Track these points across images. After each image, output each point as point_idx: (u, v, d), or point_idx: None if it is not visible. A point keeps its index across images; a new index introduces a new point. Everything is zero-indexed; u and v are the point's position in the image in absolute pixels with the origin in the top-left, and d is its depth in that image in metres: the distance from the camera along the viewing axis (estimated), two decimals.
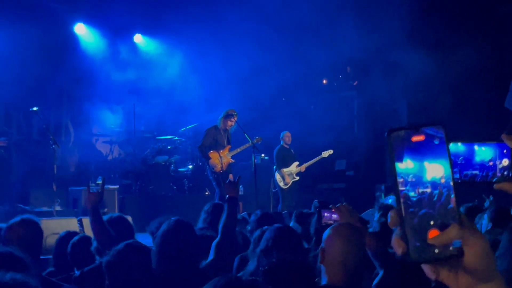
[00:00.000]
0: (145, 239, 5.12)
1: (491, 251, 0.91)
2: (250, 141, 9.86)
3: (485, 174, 2.13)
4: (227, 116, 9.80)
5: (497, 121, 11.02)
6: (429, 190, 0.90)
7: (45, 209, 9.66)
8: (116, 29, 12.94)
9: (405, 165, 0.91)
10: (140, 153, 12.35)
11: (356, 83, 14.74)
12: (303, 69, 13.36)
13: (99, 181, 10.11)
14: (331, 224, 3.28)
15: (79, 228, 7.24)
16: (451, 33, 11.57)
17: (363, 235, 2.93)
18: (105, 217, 4.36)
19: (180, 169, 12.27)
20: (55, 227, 6.61)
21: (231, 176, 9.36)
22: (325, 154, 11.41)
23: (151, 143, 12.45)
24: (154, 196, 11.39)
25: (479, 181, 2.15)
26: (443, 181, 0.91)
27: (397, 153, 0.92)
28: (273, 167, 11.65)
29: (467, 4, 11.81)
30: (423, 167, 0.91)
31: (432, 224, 0.89)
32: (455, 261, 0.90)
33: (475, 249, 0.89)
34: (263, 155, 12.14)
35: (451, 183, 0.91)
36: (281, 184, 11.19)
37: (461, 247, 0.89)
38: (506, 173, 2.19)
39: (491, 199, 6.91)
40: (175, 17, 12.75)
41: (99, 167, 11.77)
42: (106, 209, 9.16)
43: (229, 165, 9.88)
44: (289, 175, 11.21)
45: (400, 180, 0.91)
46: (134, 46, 13.76)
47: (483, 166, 2.12)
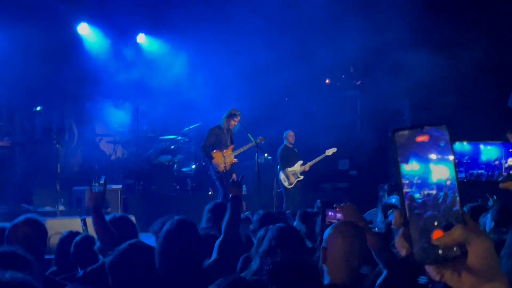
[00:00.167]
0: (148, 238, 5.11)
1: (494, 251, 0.91)
2: (253, 140, 9.86)
3: (490, 173, 2.11)
4: (230, 115, 9.80)
5: (500, 121, 11.00)
6: (434, 191, 0.90)
7: (48, 208, 9.67)
8: (119, 29, 12.94)
9: (411, 167, 0.91)
10: (143, 153, 12.38)
11: (359, 83, 14.73)
12: (306, 69, 13.35)
13: (102, 181, 10.12)
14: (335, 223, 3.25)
15: (83, 227, 7.23)
16: (455, 33, 11.55)
17: (365, 234, 2.90)
18: (108, 217, 4.36)
19: (183, 169, 12.27)
20: (58, 227, 6.61)
21: (234, 175, 9.37)
22: (329, 152, 11.34)
23: (154, 143, 12.47)
24: (157, 195, 11.39)
25: (484, 180, 2.14)
26: (449, 183, 0.90)
27: (401, 153, 0.91)
28: (276, 166, 11.62)
29: (470, 3, 11.78)
30: (428, 169, 0.91)
31: (436, 225, 0.89)
32: (458, 261, 0.90)
33: (478, 249, 0.89)
34: (266, 154, 12.14)
35: (456, 185, 0.90)
36: (286, 183, 11.13)
37: (465, 247, 0.89)
38: (511, 172, 2.18)
39: (495, 198, 6.89)
40: (178, 17, 12.76)
41: (102, 167, 11.77)
42: (109, 209, 9.16)
43: (232, 165, 9.88)
44: (294, 174, 11.15)
45: (405, 181, 0.91)
46: (137, 46, 13.76)
47: (488, 165, 2.10)
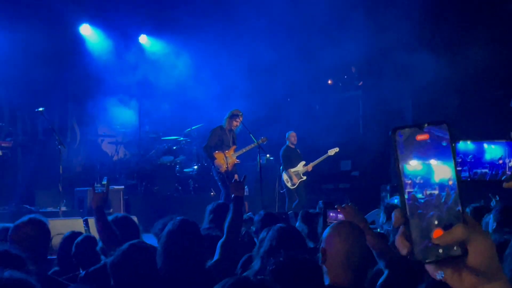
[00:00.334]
0: (150, 239, 5.11)
1: (495, 251, 0.91)
2: (255, 141, 9.86)
3: (494, 172, 2.11)
4: (232, 116, 9.80)
5: (503, 121, 10.99)
6: (436, 191, 0.90)
7: (50, 209, 9.68)
8: (121, 30, 12.96)
9: (414, 167, 0.90)
10: (145, 154, 12.39)
11: (361, 83, 14.72)
12: (308, 69, 13.36)
13: (105, 182, 10.14)
14: None
15: (85, 228, 7.24)
16: (457, 33, 11.55)
17: (365, 234, 2.87)
18: (111, 217, 4.36)
19: (185, 170, 12.28)
20: (61, 228, 6.60)
21: (236, 176, 9.36)
22: (331, 152, 11.30)
23: (157, 143, 12.49)
24: (159, 196, 11.41)
25: (488, 179, 2.13)
26: (451, 183, 0.90)
27: (402, 152, 0.91)
28: (278, 167, 11.61)
29: (473, 4, 11.77)
30: (431, 169, 0.90)
31: (436, 224, 0.89)
32: (459, 261, 0.90)
33: (479, 249, 0.89)
34: (268, 155, 12.11)
35: (457, 184, 0.90)
36: (289, 184, 11.09)
37: (465, 247, 0.89)
38: None
39: (497, 198, 6.88)
40: (181, 18, 12.79)
41: (104, 167, 11.80)
42: (111, 210, 9.17)
43: (235, 166, 9.88)
44: (296, 175, 11.10)
45: (408, 181, 0.90)
46: (139, 46, 13.78)
47: (492, 164, 2.10)
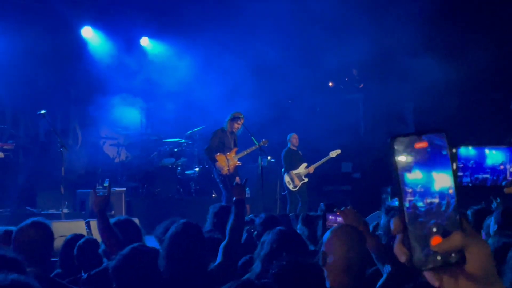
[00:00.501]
0: (152, 241, 5.12)
1: (492, 257, 0.92)
2: (256, 143, 9.87)
3: (495, 177, 2.11)
4: (234, 118, 9.81)
5: (503, 123, 10.98)
6: (437, 200, 0.90)
7: (52, 211, 9.68)
8: (123, 32, 12.97)
9: (414, 176, 0.91)
10: (147, 156, 12.40)
11: (362, 86, 14.73)
12: (309, 72, 13.37)
13: (106, 184, 10.15)
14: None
15: (87, 230, 7.25)
16: (458, 36, 11.56)
17: (365, 237, 2.89)
18: (113, 220, 4.37)
19: (186, 172, 12.28)
20: (63, 230, 6.60)
21: (237, 178, 9.38)
22: (333, 154, 11.28)
23: (158, 145, 12.49)
24: (160, 198, 11.41)
25: (489, 185, 2.14)
26: (451, 191, 0.90)
27: (401, 160, 0.91)
28: (279, 169, 11.59)
29: (473, 7, 11.79)
30: (431, 178, 0.91)
31: (435, 231, 0.89)
32: (456, 267, 0.90)
33: (477, 255, 0.89)
34: (269, 157, 12.12)
35: (455, 191, 0.91)
36: (290, 186, 11.05)
37: (463, 254, 0.89)
38: None
39: (498, 200, 6.89)
40: (183, 20, 12.79)
41: (106, 169, 11.80)
42: (113, 212, 9.18)
43: (236, 168, 9.88)
44: (298, 177, 11.06)
45: (409, 190, 0.91)
46: (141, 49, 13.79)
47: (494, 169, 2.10)
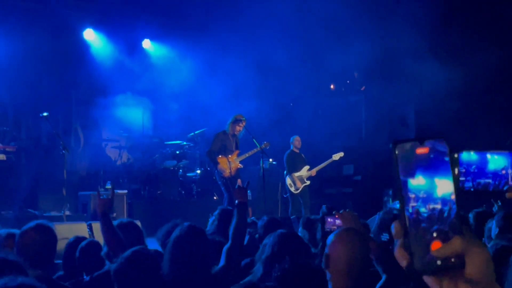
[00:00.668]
0: (154, 243, 5.14)
1: (491, 262, 0.92)
2: (258, 146, 9.87)
3: (497, 182, 2.11)
4: (236, 121, 9.82)
5: (505, 126, 10.98)
6: (439, 206, 0.91)
7: (54, 213, 9.68)
8: (125, 34, 12.99)
9: (417, 182, 0.91)
10: (148, 158, 12.41)
11: (363, 88, 14.74)
12: (311, 74, 13.38)
13: (108, 186, 10.16)
14: (334, 229, 3.26)
15: (89, 233, 7.26)
16: (460, 39, 11.55)
17: (367, 241, 2.91)
18: (115, 222, 4.37)
19: (188, 174, 12.28)
20: (65, 232, 6.62)
21: (239, 181, 9.38)
22: (336, 156, 11.24)
23: (160, 148, 12.50)
24: (162, 200, 11.41)
25: (491, 189, 2.14)
26: (453, 197, 0.91)
27: (402, 166, 0.92)
28: (281, 171, 11.58)
29: (476, 10, 11.79)
30: (433, 184, 0.91)
31: (435, 236, 0.90)
32: (456, 272, 0.91)
33: (476, 260, 0.90)
34: (271, 160, 12.13)
35: (455, 197, 0.92)
36: (292, 189, 11.02)
37: (463, 258, 0.90)
38: None
39: (499, 204, 6.89)
40: (184, 23, 12.83)
41: (108, 172, 11.80)
42: (114, 214, 9.18)
43: (238, 170, 9.89)
44: (300, 179, 11.02)
45: (412, 195, 0.91)
46: (143, 51, 13.82)
47: (496, 174, 2.09)
